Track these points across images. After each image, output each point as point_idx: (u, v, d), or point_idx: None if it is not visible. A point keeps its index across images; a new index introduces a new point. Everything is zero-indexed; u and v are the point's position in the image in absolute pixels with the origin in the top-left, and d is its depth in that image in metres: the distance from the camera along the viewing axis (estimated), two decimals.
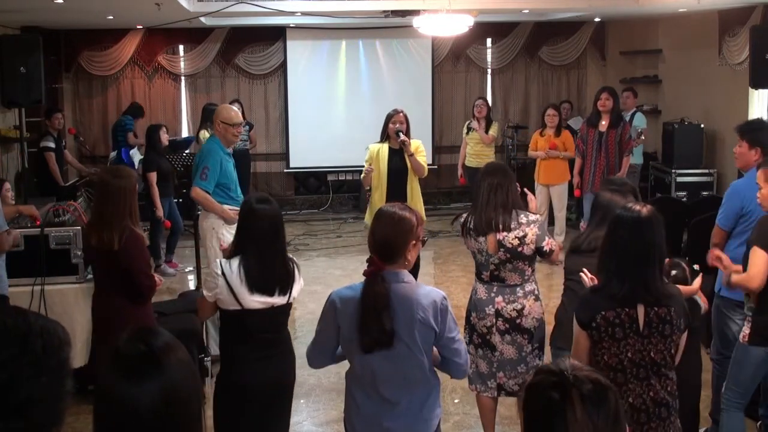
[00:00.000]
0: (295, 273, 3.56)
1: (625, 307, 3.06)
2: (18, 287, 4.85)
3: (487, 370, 4.31)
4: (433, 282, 8.09)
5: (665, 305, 3.08)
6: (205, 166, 5.52)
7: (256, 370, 3.48)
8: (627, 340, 3.07)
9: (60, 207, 5.39)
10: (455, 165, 11.94)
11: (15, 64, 7.63)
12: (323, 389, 5.41)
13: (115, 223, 4.04)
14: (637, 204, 3.22)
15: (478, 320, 4.27)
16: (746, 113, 8.61)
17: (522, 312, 4.21)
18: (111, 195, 4.06)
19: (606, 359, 3.10)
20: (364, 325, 2.91)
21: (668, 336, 3.09)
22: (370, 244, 3.01)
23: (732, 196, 4.50)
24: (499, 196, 4.14)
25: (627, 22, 11.50)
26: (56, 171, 8.86)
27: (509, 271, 4.19)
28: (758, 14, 8.37)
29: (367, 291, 2.92)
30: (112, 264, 4.10)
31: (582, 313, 3.13)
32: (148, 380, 1.60)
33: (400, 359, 2.94)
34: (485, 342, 4.27)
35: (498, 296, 4.22)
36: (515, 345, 4.24)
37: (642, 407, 3.12)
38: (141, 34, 11.10)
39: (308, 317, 6.22)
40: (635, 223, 3.08)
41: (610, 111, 8.04)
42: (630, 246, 3.06)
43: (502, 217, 4.12)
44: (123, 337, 1.68)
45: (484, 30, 11.34)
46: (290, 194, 11.82)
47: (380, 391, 3.00)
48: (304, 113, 11.57)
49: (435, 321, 2.92)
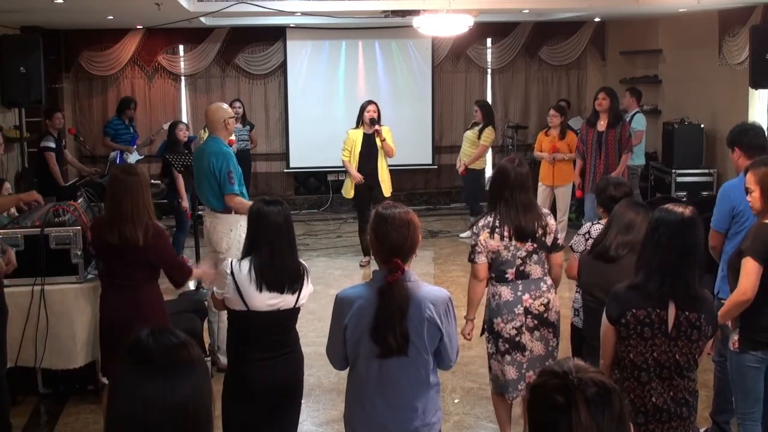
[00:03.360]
0: (304, 276, 3.56)
1: (656, 308, 3.07)
2: (18, 287, 4.85)
3: (516, 375, 4.28)
4: (432, 282, 8.09)
5: (696, 310, 3.09)
6: (228, 171, 5.54)
7: (262, 371, 3.49)
8: (654, 340, 3.08)
9: (60, 207, 5.38)
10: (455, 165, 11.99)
11: (15, 64, 7.63)
12: (323, 389, 5.41)
13: (137, 219, 4.06)
14: (678, 205, 3.22)
15: (505, 324, 4.23)
16: (746, 113, 8.61)
17: (548, 306, 4.26)
18: (128, 191, 4.07)
19: (632, 357, 3.11)
20: (383, 332, 2.88)
21: (695, 341, 3.10)
22: (382, 249, 2.96)
23: (722, 198, 4.54)
24: (523, 197, 4.17)
25: (627, 22, 11.50)
26: (56, 171, 8.86)
27: (534, 264, 4.21)
28: (758, 14, 8.37)
29: (393, 296, 2.87)
30: (136, 259, 4.12)
31: (613, 308, 3.14)
32: (179, 374, 1.60)
33: (410, 361, 2.94)
34: (514, 345, 4.24)
35: (525, 294, 4.22)
36: (543, 341, 4.27)
37: (664, 407, 3.13)
38: (141, 34, 11.10)
39: (308, 317, 6.22)
40: (679, 224, 3.09)
41: (607, 110, 8.03)
42: (673, 246, 3.07)
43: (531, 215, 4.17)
44: (146, 333, 1.66)
45: (484, 30, 11.34)
46: (290, 194, 11.81)
47: (386, 395, 2.98)
48: (304, 113, 11.57)
49: (441, 319, 2.92)
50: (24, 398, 5.27)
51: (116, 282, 4.22)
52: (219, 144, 5.66)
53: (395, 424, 3.00)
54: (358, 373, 3.04)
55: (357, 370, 3.04)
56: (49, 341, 4.91)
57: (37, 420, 5.07)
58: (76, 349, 5.01)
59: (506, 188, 4.16)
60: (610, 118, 8.03)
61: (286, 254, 3.49)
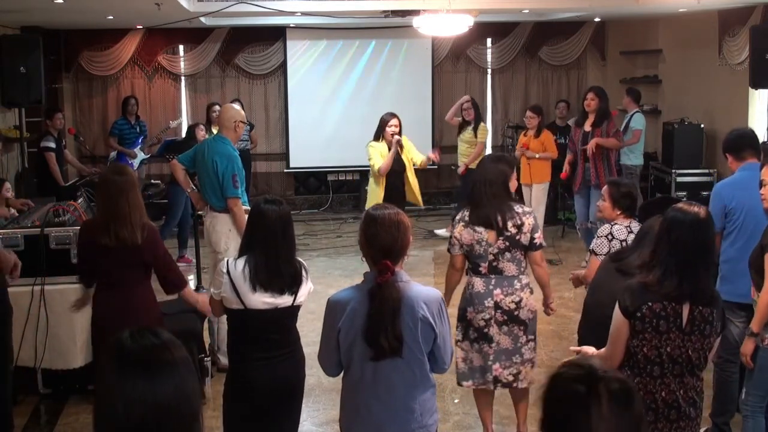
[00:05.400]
0: (302, 275, 3.56)
1: (672, 302, 3.07)
2: (18, 287, 4.85)
3: (482, 363, 4.38)
4: (432, 282, 8.08)
5: (710, 306, 3.11)
6: (233, 174, 5.50)
7: (262, 371, 3.49)
8: (669, 334, 3.08)
9: (60, 207, 5.39)
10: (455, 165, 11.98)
11: (15, 64, 7.64)
12: (323, 389, 5.41)
13: (134, 218, 4.06)
14: (693, 205, 3.22)
15: (476, 314, 4.33)
16: (746, 113, 8.62)
17: (519, 304, 4.32)
18: (121, 191, 4.06)
19: (645, 351, 3.11)
20: (376, 333, 2.87)
21: (707, 336, 3.12)
22: (371, 250, 2.96)
23: (714, 197, 4.59)
24: (495, 189, 4.27)
25: (627, 22, 11.50)
26: (56, 171, 8.85)
27: (507, 261, 4.29)
28: (758, 14, 8.38)
29: (384, 297, 2.87)
30: (131, 260, 4.11)
31: (629, 301, 3.12)
32: (160, 375, 1.61)
33: (404, 362, 2.93)
34: (482, 335, 4.35)
35: (497, 288, 4.30)
36: (511, 336, 4.34)
37: (674, 404, 3.14)
38: (141, 34, 11.10)
39: (308, 317, 6.20)
40: (695, 224, 3.11)
41: (595, 111, 8.04)
42: (690, 246, 3.08)
43: (500, 210, 4.24)
44: (126, 335, 1.68)
45: (484, 30, 11.34)
46: (290, 194, 11.81)
47: (382, 397, 2.97)
48: (304, 113, 11.57)
49: (434, 319, 2.92)
50: (24, 398, 5.27)
51: (109, 283, 4.19)
52: (226, 145, 5.61)
53: (392, 426, 2.99)
54: (353, 377, 3.02)
55: (351, 374, 3.02)
56: (49, 341, 4.92)
57: (37, 420, 5.07)
58: (76, 349, 5.02)
59: (480, 183, 4.32)
60: (597, 117, 8.04)
61: (281, 254, 3.47)
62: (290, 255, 3.54)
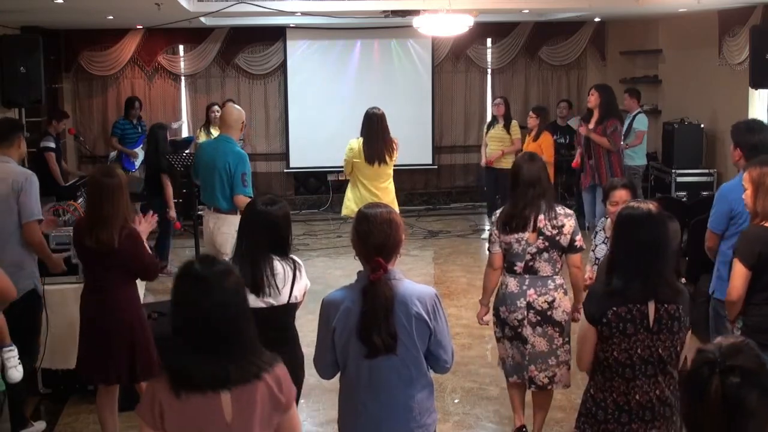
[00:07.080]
0: (296, 273, 3.57)
1: (636, 303, 3.06)
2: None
3: (521, 361, 4.38)
4: (433, 282, 8.09)
5: (674, 302, 3.09)
6: (243, 173, 5.58)
7: None
8: (637, 335, 3.07)
9: (60, 207, 5.39)
10: (455, 165, 11.99)
11: (15, 64, 7.63)
12: (323, 389, 5.40)
13: (114, 222, 4.07)
14: (643, 202, 3.22)
15: (509, 313, 4.34)
16: (746, 113, 8.61)
17: (553, 304, 4.29)
18: (108, 194, 4.08)
19: (616, 355, 3.09)
20: (369, 331, 2.87)
21: (676, 333, 3.10)
22: (364, 248, 2.97)
23: (720, 199, 4.56)
24: (538, 189, 4.25)
25: (627, 22, 11.50)
26: (56, 171, 8.86)
27: (544, 261, 4.27)
28: (758, 14, 8.37)
29: (377, 294, 2.88)
30: (113, 262, 4.12)
31: (593, 308, 3.12)
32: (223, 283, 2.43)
33: (399, 360, 2.93)
34: (517, 335, 4.35)
35: (530, 288, 4.28)
36: (546, 337, 4.31)
37: (648, 405, 3.13)
38: (141, 34, 11.09)
39: (308, 317, 6.18)
40: (646, 221, 3.09)
41: (597, 107, 8.09)
42: (645, 244, 3.06)
43: (542, 211, 4.23)
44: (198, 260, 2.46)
45: (484, 30, 11.34)
46: (290, 194, 11.81)
47: (379, 396, 2.97)
48: (304, 113, 11.56)
49: (429, 315, 2.92)
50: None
51: (94, 284, 4.23)
52: (234, 144, 5.73)
53: (390, 425, 2.98)
54: (349, 377, 3.01)
55: (348, 374, 3.02)
56: (49, 341, 4.91)
57: (37, 420, 5.07)
58: (76, 349, 5.01)
59: (518, 184, 4.29)
60: (600, 114, 8.07)
61: (266, 261, 3.50)
62: (282, 255, 3.57)
